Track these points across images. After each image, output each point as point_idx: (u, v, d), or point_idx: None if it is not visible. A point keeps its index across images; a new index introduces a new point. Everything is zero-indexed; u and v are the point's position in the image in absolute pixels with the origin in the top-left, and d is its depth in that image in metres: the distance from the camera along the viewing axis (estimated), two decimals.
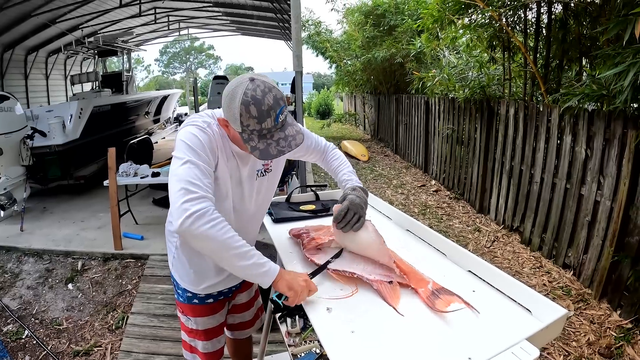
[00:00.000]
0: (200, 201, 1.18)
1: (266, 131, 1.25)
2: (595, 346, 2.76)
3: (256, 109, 1.20)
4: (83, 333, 3.19)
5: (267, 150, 1.26)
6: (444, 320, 1.10)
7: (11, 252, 4.39)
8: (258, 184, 1.56)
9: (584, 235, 3.46)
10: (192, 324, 1.70)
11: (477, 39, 5.23)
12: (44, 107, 7.47)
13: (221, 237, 1.18)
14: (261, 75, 1.27)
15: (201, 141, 1.29)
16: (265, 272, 1.24)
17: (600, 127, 3.23)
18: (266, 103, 1.21)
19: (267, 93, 1.22)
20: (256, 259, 1.24)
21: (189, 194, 1.18)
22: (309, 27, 12.13)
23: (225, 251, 1.20)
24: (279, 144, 1.27)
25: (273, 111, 1.22)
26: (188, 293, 1.64)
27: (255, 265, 1.23)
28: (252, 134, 1.25)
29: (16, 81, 10.67)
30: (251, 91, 1.20)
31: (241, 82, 1.23)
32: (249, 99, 1.20)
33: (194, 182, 1.20)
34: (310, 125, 17.42)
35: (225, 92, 1.27)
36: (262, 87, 1.22)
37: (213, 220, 1.17)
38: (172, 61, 49.57)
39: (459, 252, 1.41)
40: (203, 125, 1.33)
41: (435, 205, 5.85)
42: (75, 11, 9.68)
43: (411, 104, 8.51)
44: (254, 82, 1.22)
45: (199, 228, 1.15)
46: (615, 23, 2.72)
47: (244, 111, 1.21)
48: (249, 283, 1.92)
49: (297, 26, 4.23)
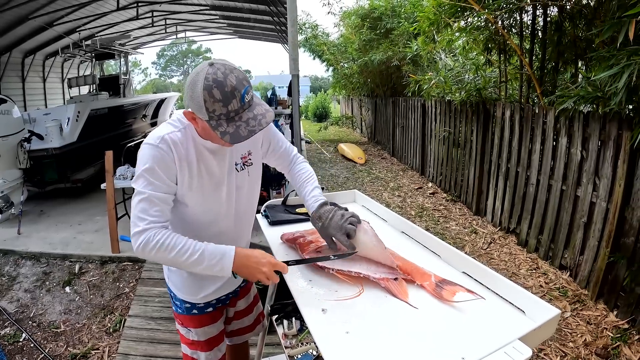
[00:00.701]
0: (143, 233, 1.26)
1: (233, 113, 1.21)
2: (592, 347, 2.77)
3: (219, 91, 1.16)
4: (80, 336, 3.19)
5: (237, 132, 1.21)
6: (438, 320, 1.11)
7: (8, 255, 4.38)
8: (240, 179, 1.53)
9: (580, 237, 3.47)
10: (193, 335, 1.68)
11: (473, 41, 5.26)
12: (41, 110, 7.45)
13: (167, 257, 1.27)
14: (221, 59, 1.24)
15: (152, 164, 1.30)
16: (220, 269, 1.29)
17: (596, 128, 3.25)
18: (229, 84, 1.17)
19: (229, 74, 1.18)
20: (207, 262, 1.28)
21: (135, 227, 1.27)
22: (306, 30, 12.17)
23: (178, 265, 1.32)
24: (249, 124, 1.22)
25: (237, 91, 1.19)
26: (187, 304, 1.62)
27: (209, 267, 1.29)
28: (219, 119, 1.20)
29: (13, 84, 10.66)
30: (212, 75, 1.17)
31: (201, 69, 1.20)
32: (211, 83, 1.16)
33: (140, 217, 1.28)
34: (308, 128, 17.44)
35: (187, 82, 1.24)
36: (222, 69, 1.18)
37: (155, 246, 1.25)
38: (170, 64, 49.66)
39: (453, 253, 1.42)
40: (156, 142, 1.31)
41: (432, 208, 5.86)
42: (73, 14, 9.68)
43: (408, 107, 8.53)
44: (214, 66, 1.19)
45: (148, 254, 1.27)
46: (610, 25, 2.74)
47: (208, 96, 1.17)
48: (246, 290, 1.92)
49: (294, 30, 4.25)
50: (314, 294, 1.28)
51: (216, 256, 1.28)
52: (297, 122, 5.00)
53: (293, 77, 4.44)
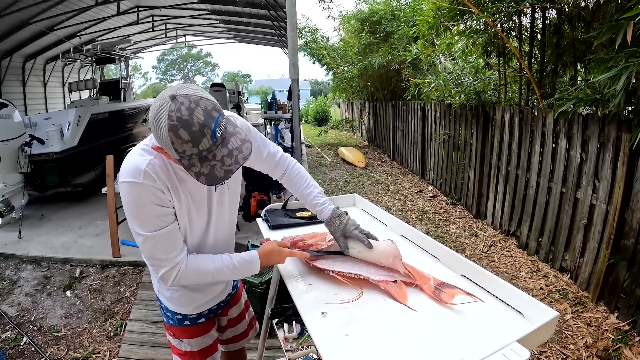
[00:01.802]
0: (173, 270, 1.29)
1: (206, 152, 1.10)
2: (593, 349, 2.77)
3: (186, 131, 1.05)
4: (81, 340, 3.19)
5: (213, 173, 1.12)
6: (437, 323, 1.11)
7: (9, 259, 4.39)
8: (220, 194, 1.48)
9: (580, 239, 3.48)
10: (186, 345, 1.64)
11: (472, 45, 5.27)
12: (42, 115, 7.48)
13: (205, 280, 1.39)
14: (184, 88, 1.10)
15: (144, 202, 1.23)
16: (254, 269, 1.44)
17: (595, 131, 3.26)
18: (196, 122, 1.05)
19: (195, 109, 1.06)
20: (240, 272, 1.44)
21: (162, 268, 1.29)
22: (306, 34, 12.19)
23: (215, 281, 1.48)
24: (224, 162, 1.13)
25: (207, 128, 1.07)
26: (178, 315, 1.59)
27: (241, 275, 1.46)
28: (191, 159, 1.11)
29: (14, 88, 10.71)
30: (175, 112, 1.04)
31: (162, 104, 1.07)
32: (176, 123, 1.04)
33: (160, 259, 1.29)
34: (308, 132, 17.47)
35: (150, 117, 1.12)
36: (186, 103, 1.05)
37: (190, 276, 1.33)
38: (170, 68, 49.77)
39: (452, 256, 1.43)
40: (138, 178, 1.21)
41: (432, 211, 5.86)
42: (73, 19, 9.73)
43: (407, 110, 8.54)
44: (176, 100, 1.06)
45: (187, 283, 1.39)
46: (608, 27, 2.75)
47: (174, 137, 1.06)
48: (237, 297, 1.89)
49: (293, 34, 4.27)
50: (314, 297, 1.29)
51: (246, 265, 1.42)
52: (297, 126, 5.02)
53: (293, 82, 4.46)
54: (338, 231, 1.46)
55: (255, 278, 2.89)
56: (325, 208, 1.56)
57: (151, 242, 1.26)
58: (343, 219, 1.49)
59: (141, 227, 1.25)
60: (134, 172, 1.22)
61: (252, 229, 4.60)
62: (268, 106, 10.47)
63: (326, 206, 1.56)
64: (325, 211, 1.55)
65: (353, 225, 1.46)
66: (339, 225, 1.47)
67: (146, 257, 1.31)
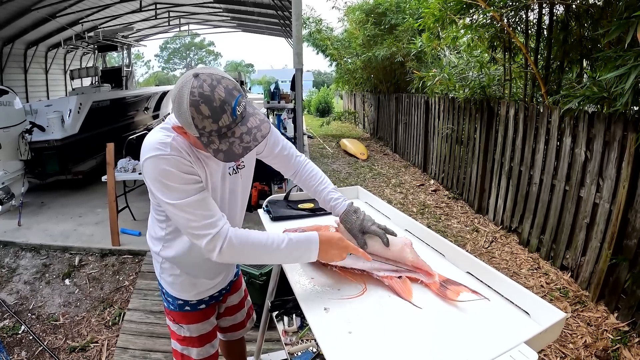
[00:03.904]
0: (213, 238, 1.18)
1: (225, 129, 1.12)
2: (592, 348, 2.76)
3: (207, 107, 1.08)
4: (79, 329, 3.18)
5: (231, 150, 1.14)
6: (442, 322, 1.09)
7: (8, 247, 4.38)
8: (233, 183, 1.48)
9: (582, 237, 3.46)
10: (185, 331, 1.65)
11: (478, 39, 5.23)
12: (43, 102, 7.45)
13: (253, 254, 1.23)
14: (207, 68, 1.15)
15: (174, 172, 1.20)
16: (307, 258, 1.27)
17: (600, 129, 3.23)
18: (217, 98, 1.08)
19: (216, 86, 1.09)
20: (300, 250, 1.26)
21: (202, 240, 1.18)
22: (310, 24, 12.11)
23: (263, 260, 1.28)
24: (243, 139, 1.14)
25: (227, 105, 1.09)
26: (179, 301, 1.60)
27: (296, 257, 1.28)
28: (211, 135, 1.12)
29: (16, 75, 10.67)
30: (197, 89, 1.08)
31: (185, 81, 1.11)
32: (197, 98, 1.07)
33: (195, 226, 1.19)
34: (310, 123, 17.41)
35: (172, 96, 1.15)
36: (208, 81, 1.09)
37: (237, 247, 1.20)
38: (172, 57, 49.61)
39: (458, 253, 1.40)
40: (165, 150, 1.21)
41: (433, 205, 5.85)
42: (76, 5, 9.67)
43: (411, 103, 8.50)
44: (199, 77, 1.09)
45: (231, 257, 1.21)
46: (617, 26, 2.72)
47: (195, 113, 1.08)
48: (238, 284, 1.90)
49: (298, 23, 4.23)
50: (317, 292, 1.27)
51: (302, 245, 1.26)
52: (299, 116, 4.99)
53: (297, 71, 4.43)
54: (355, 227, 1.42)
55: (255, 269, 2.88)
56: (339, 203, 1.52)
57: (184, 210, 1.19)
58: (359, 215, 1.44)
59: (171, 196, 1.20)
60: (160, 145, 1.22)
61: (253, 220, 4.54)
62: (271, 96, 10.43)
63: (340, 201, 1.53)
64: (339, 207, 1.51)
65: (370, 220, 1.43)
66: (356, 220, 1.43)
67: (184, 230, 1.23)
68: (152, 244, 1.56)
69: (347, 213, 1.47)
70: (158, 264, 1.58)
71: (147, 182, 1.24)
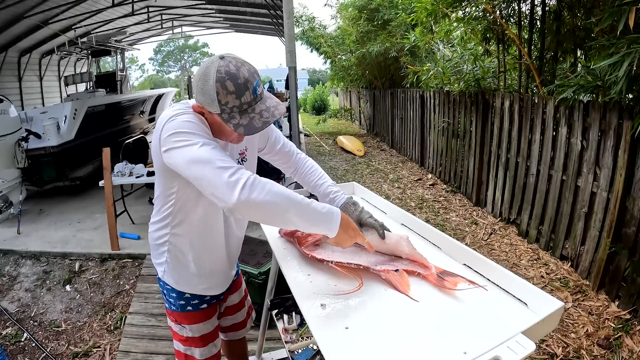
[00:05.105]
0: (242, 172, 1.11)
1: (246, 105, 1.21)
2: (594, 337, 2.76)
3: (232, 83, 1.17)
4: (82, 334, 3.18)
5: (252, 124, 1.21)
6: (440, 314, 1.09)
7: (8, 255, 4.37)
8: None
9: (581, 227, 3.46)
10: (188, 331, 1.65)
11: (471, 31, 5.23)
12: (38, 109, 7.42)
13: (278, 199, 1.12)
14: (231, 53, 1.24)
15: (199, 124, 1.22)
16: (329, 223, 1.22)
17: (596, 118, 3.23)
18: (242, 76, 1.18)
19: (241, 67, 1.19)
20: (322, 215, 1.20)
21: (228, 170, 1.10)
22: (303, 22, 12.10)
23: (286, 212, 1.14)
24: (262, 115, 1.23)
25: (250, 84, 1.19)
26: (181, 301, 1.60)
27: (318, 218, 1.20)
28: (232, 111, 1.20)
29: (10, 83, 10.62)
30: (224, 67, 1.17)
31: (212, 61, 1.19)
32: (224, 75, 1.16)
33: (223, 159, 1.13)
34: (306, 121, 17.41)
35: (197, 76, 1.22)
36: (234, 62, 1.19)
37: (265, 185, 1.12)
38: (167, 60, 49.41)
39: (454, 245, 1.41)
40: (185, 111, 1.26)
41: (432, 199, 5.85)
42: (68, 12, 9.63)
43: (406, 98, 8.50)
44: (225, 59, 1.19)
45: (257, 196, 1.09)
46: (609, 13, 2.71)
47: (221, 88, 1.17)
48: (238, 283, 1.92)
49: (290, 22, 4.22)
50: (313, 288, 1.26)
51: (327, 213, 1.21)
52: (295, 114, 4.99)
53: (290, 70, 4.42)
54: (353, 218, 1.45)
55: (254, 268, 2.89)
56: (338, 196, 1.59)
57: (206, 146, 1.15)
58: (358, 207, 1.51)
59: (192, 141, 1.16)
60: (181, 107, 1.29)
61: None
62: None
63: (340, 194, 1.59)
64: (338, 199, 1.57)
65: (367, 213, 1.47)
66: (354, 212, 1.49)
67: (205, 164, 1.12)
68: (157, 231, 1.55)
69: (345, 205, 1.53)
70: (163, 258, 1.56)
71: (165, 148, 1.20)
